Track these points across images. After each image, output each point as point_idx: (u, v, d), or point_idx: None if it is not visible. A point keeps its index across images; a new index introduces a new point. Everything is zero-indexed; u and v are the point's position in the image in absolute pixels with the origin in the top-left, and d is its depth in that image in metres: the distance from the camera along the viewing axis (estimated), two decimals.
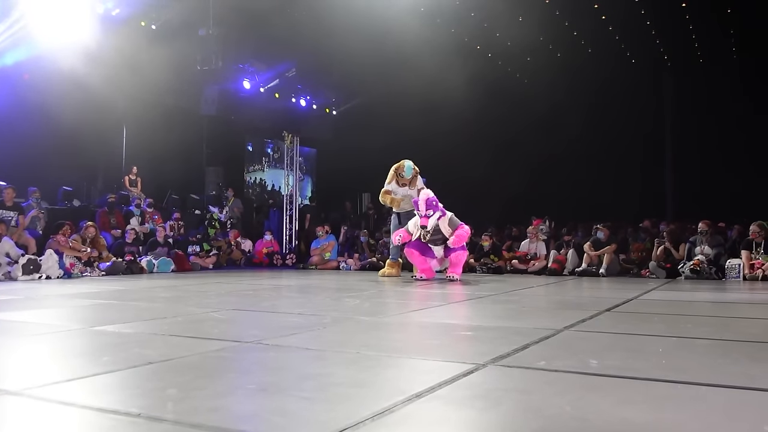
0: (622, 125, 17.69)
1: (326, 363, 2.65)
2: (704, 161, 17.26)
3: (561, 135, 18.09)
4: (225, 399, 2.05)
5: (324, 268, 12.24)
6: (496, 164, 17.68)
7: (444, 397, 2.05)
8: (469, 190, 8.90)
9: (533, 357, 2.73)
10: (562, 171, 18.19)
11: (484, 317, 4.54)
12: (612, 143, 17.77)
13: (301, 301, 5.94)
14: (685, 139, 18.19)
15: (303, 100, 16.91)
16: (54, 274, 8.72)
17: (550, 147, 18.25)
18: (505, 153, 17.99)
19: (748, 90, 16.41)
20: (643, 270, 9.86)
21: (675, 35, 16.51)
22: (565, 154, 18.15)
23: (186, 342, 3.23)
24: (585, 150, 18.01)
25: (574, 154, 18.08)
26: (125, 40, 11.70)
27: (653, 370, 2.46)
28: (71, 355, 2.99)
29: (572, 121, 17.41)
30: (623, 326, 3.90)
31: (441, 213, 8.21)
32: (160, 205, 13.60)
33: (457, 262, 8.25)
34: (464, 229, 8.21)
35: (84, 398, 2.08)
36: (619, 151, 17.78)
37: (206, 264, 11.89)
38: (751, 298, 6.40)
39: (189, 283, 7.99)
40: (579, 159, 18.06)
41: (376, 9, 13.26)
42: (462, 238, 8.18)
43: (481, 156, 17.09)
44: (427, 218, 8.12)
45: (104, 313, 4.85)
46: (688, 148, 18.01)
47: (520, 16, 15.15)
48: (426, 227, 8.12)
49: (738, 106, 16.60)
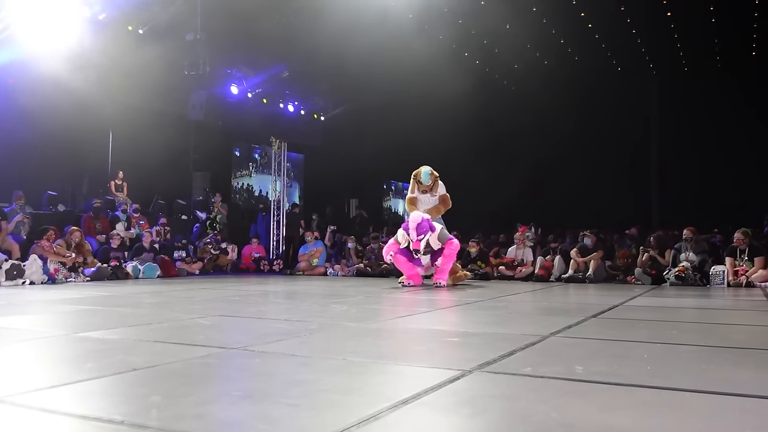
0: (609, 133, 17.86)
1: (312, 369, 2.64)
2: (689, 169, 17.45)
3: (548, 142, 18.25)
4: (210, 406, 2.04)
5: (311, 274, 12.22)
6: (483, 171, 17.76)
7: (430, 404, 2.05)
8: (456, 196, 8.90)
9: (519, 363, 2.74)
10: (549, 178, 18.30)
11: (471, 323, 4.55)
12: (598, 151, 17.93)
13: (287, 307, 5.92)
14: (671, 147, 18.38)
15: (291, 106, 16.87)
16: (38, 280, 8.64)
17: (537, 154, 18.39)
18: (492, 160, 18.09)
19: (732, 100, 16.63)
20: (628, 276, 9.92)
21: (660, 44, 16.69)
22: (553, 161, 18.28)
23: (171, 348, 3.21)
24: (572, 157, 18.15)
25: (561, 162, 18.21)
26: (112, 44, 11.62)
27: (638, 376, 2.47)
28: (54, 362, 2.96)
29: (559, 128, 17.56)
30: (609, 332, 3.92)
31: (431, 230, 8.24)
32: (146, 210, 13.51)
33: (444, 269, 8.29)
34: (453, 247, 8.31)
35: (67, 405, 2.06)
36: (606, 158, 17.95)
37: (192, 270, 11.83)
38: (735, 304, 6.46)
39: (175, 288, 7.94)
40: (566, 166, 18.19)
41: (364, 16, 13.28)
42: (451, 259, 8.33)
43: (468, 163, 17.19)
44: (419, 242, 8.17)
45: (88, 319, 4.80)
46: (673, 155, 18.20)
47: (507, 24, 15.24)
48: (419, 250, 8.19)
49: (723, 115, 16.81)
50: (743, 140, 16.33)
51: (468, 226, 13.50)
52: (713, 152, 16.83)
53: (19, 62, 10.77)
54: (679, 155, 17.85)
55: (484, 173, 17.85)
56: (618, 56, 17.54)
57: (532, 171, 18.05)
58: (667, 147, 18.60)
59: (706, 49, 16.74)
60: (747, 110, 16.30)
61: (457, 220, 10.78)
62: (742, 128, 16.36)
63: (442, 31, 15.68)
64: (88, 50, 11.22)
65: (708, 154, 16.92)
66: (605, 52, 17.14)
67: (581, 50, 17.04)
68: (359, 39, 13.69)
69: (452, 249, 8.31)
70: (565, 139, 17.99)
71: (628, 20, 15.25)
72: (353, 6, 12.95)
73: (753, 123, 16.14)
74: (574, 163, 18.05)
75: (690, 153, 17.37)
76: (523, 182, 17.83)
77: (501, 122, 18.03)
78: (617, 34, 15.96)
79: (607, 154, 17.91)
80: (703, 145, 17.04)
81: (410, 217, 8.46)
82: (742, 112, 16.38)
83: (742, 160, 16.42)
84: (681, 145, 17.85)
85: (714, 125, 16.88)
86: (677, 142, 18.04)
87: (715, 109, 16.92)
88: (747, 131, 16.23)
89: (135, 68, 11.68)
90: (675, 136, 18.18)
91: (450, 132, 16.86)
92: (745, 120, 16.29)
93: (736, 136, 16.51)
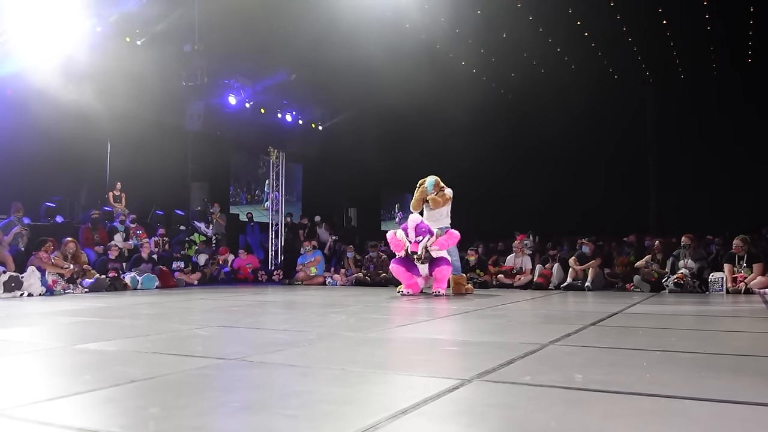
0: (606, 140, 17.92)
1: (311, 380, 2.63)
2: (686, 176, 17.49)
3: (546, 150, 18.29)
4: (208, 417, 2.03)
5: (310, 284, 12.20)
6: (480, 180, 17.80)
7: (429, 414, 2.05)
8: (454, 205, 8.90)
9: (518, 372, 2.74)
10: (546, 186, 18.34)
11: (470, 332, 4.54)
12: (596, 158, 17.99)
13: (286, 317, 5.91)
14: (668, 154, 18.43)
15: (289, 116, 16.92)
16: (36, 292, 8.61)
17: (535, 162, 18.42)
18: (489, 168, 18.13)
19: (727, 106, 16.70)
20: (627, 284, 9.91)
21: (656, 52, 16.77)
22: (550, 168, 18.32)
23: (169, 359, 3.20)
24: (570, 165, 18.19)
25: (559, 169, 18.25)
26: (110, 55, 11.67)
27: (637, 384, 2.47)
28: (52, 374, 2.95)
29: (556, 136, 17.60)
30: (608, 340, 3.91)
31: (429, 235, 8.24)
32: (144, 221, 13.50)
33: (441, 278, 8.26)
34: (452, 235, 8.30)
35: (64, 418, 2.05)
36: (603, 166, 17.99)
37: (191, 280, 11.81)
38: (734, 311, 6.45)
39: (173, 299, 7.92)
40: (564, 173, 18.23)
41: (362, 25, 13.35)
42: (448, 244, 8.29)
43: (465, 171, 17.19)
44: (417, 244, 8.17)
45: (86, 330, 4.79)
46: (670, 163, 18.25)
47: (504, 33, 15.31)
48: (417, 252, 8.17)
49: (719, 122, 16.88)
50: (741, 147, 16.38)
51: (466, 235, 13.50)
52: (711, 159, 16.88)
53: (17, 74, 10.79)
54: (676, 162, 17.91)
55: (481, 182, 17.91)
56: (614, 64, 17.62)
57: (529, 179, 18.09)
58: (664, 154, 18.65)
59: (702, 57, 16.82)
60: (744, 117, 16.37)
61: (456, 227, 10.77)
62: (739, 135, 16.43)
63: (440, 40, 15.75)
64: (85, 61, 11.26)
65: (705, 161, 16.98)
66: (601, 61, 17.22)
67: (577, 58, 17.12)
68: (357, 49, 13.76)
69: (451, 236, 8.28)
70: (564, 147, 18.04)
71: (624, 28, 15.33)
72: (351, 16, 13.02)
73: (750, 129, 16.21)
74: (572, 170, 18.10)
75: (687, 160, 17.42)
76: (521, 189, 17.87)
77: (497, 130, 18.08)
78: (613, 42, 16.04)
79: (604, 162, 17.96)
80: (700, 152, 17.10)
81: (409, 218, 8.45)
82: (739, 118, 16.45)
83: (740, 167, 16.47)
84: (678, 152, 17.91)
85: (711, 132, 16.94)
86: (674, 149, 18.09)
87: (712, 117, 17.00)
88: (744, 138, 16.29)
89: (133, 79, 11.72)
90: (672, 143, 18.24)
91: (447, 140, 16.89)
92: (742, 127, 16.37)
93: (733, 143, 16.56)
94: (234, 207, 17.57)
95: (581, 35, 15.73)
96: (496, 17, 14.46)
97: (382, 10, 13.56)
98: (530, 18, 14.96)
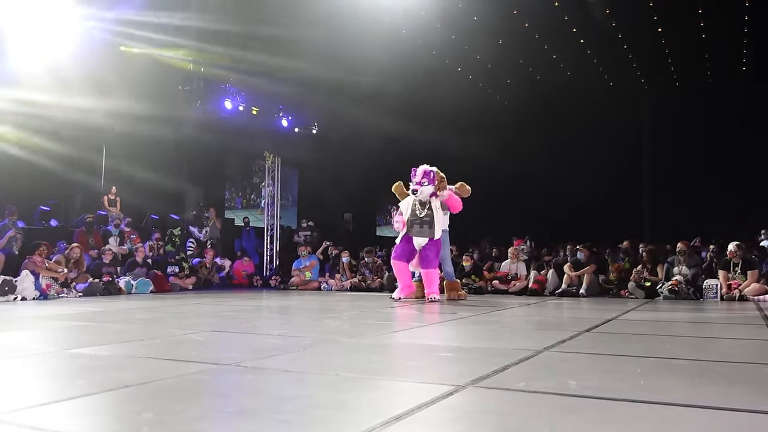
0: (601, 147, 17.96)
1: (305, 385, 2.63)
2: (682, 182, 17.55)
3: (540, 157, 18.32)
4: (202, 423, 2.02)
5: (305, 289, 12.17)
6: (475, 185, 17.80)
7: (423, 420, 2.05)
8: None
9: (513, 378, 2.74)
10: (541, 192, 18.37)
11: (464, 338, 4.54)
12: (591, 164, 18.01)
13: (281, 322, 5.90)
14: (663, 161, 18.49)
15: (285, 121, 16.91)
16: (29, 296, 8.56)
17: (529, 168, 18.45)
18: (484, 174, 18.13)
19: (723, 113, 16.77)
20: (622, 290, 9.92)
21: (652, 59, 16.84)
22: (544, 175, 18.35)
23: (163, 364, 3.19)
24: (565, 171, 18.22)
25: (554, 175, 18.28)
26: (105, 58, 11.66)
27: (631, 391, 2.47)
28: (45, 379, 2.94)
29: (551, 142, 17.64)
30: (602, 347, 3.92)
31: (434, 191, 8.19)
32: (139, 225, 13.45)
33: (432, 282, 8.20)
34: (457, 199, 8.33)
35: (57, 423, 2.05)
36: (598, 172, 18.01)
37: (186, 285, 11.77)
38: (728, 318, 6.46)
39: (168, 304, 7.90)
40: (559, 180, 18.26)
41: (358, 30, 13.38)
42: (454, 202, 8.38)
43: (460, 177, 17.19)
44: (420, 185, 8.10)
45: (80, 335, 4.77)
46: (665, 169, 18.30)
47: (499, 39, 15.36)
48: (416, 192, 8.09)
49: (714, 129, 16.95)
50: (736, 153, 16.46)
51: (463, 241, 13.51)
52: (705, 165, 16.96)
53: (11, 77, 10.77)
54: (671, 168, 17.97)
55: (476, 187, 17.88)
56: (610, 70, 17.68)
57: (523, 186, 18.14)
58: (659, 160, 18.71)
59: (697, 64, 16.90)
60: (739, 124, 16.45)
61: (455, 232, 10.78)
62: (735, 142, 16.50)
63: (436, 46, 15.80)
64: (80, 65, 11.25)
65: (700, 168, 17.05)
66: (597, 67, 17.28)
67: (573, 65, 17.17)
68: (353, 53, 13.78)
69: (454, 199, 8.35)
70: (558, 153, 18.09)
71: (620, 35, 15.40)
72: (347, 21, 13.05)
73: (745, 137, 16.29)
74: (567, 177, 18.13)
75: (683, 166, 17.49)
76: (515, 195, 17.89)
77: (492, 136, 18.12)
78: (608, 48, 16.11)
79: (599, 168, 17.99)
80: (695, 158, 17.17)
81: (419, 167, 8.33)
82: (734, 125, 16.53)
83: (733, 173, 16.54)
84: (673, 158, 17.97)
85: (705, 139, 17.02)
86: (669, 155, 18.16)
87: (707, 123, 17.07)
88: (739, 144, 16.36)
89: (128, 82, 11.71)
90: (667, 149, 18.30)
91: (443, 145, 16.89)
92: (738, 133, 16.44)
93: (728, 150, 16.64)
94: (229, 212, 17.54)
95: (577, 42, 15.79)
96: (493, 24, 14.50)
97: (379, 16, 13.60)
98: (526, 25, 15.02)
